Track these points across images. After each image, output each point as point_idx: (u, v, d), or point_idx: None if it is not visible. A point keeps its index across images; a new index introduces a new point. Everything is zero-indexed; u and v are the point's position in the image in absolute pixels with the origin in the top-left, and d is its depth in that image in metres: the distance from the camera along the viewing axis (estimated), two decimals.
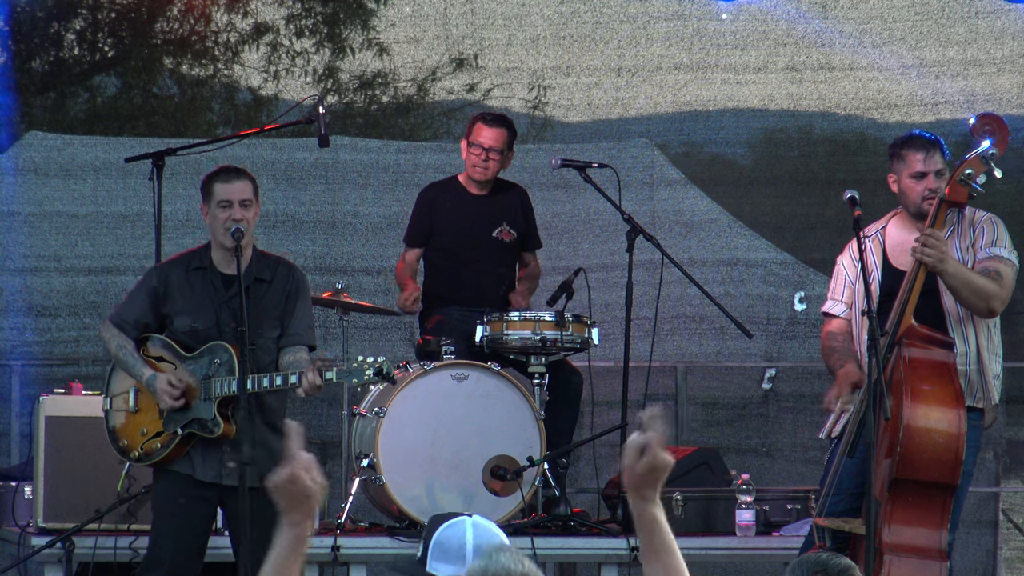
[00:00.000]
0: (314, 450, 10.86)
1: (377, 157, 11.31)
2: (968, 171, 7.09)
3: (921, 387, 6.83)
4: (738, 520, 8.49)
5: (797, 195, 11.49)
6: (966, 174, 7.09)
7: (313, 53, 12.86)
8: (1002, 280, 7.15)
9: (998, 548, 10.64)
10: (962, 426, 6.87)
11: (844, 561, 4.44)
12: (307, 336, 7.39)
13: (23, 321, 10.86)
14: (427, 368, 8.30)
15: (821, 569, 4.41)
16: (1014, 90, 11.39)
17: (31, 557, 8.18)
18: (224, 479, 7.25)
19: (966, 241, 7.26)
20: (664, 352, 10.65)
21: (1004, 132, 7.18)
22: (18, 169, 11.02)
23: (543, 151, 11.25)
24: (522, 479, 8.22)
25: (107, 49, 13.18)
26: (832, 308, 7.49)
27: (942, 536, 6.88)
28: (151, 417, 7.38)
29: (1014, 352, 11.55)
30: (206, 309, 7.32)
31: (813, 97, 11.62)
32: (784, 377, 10.94)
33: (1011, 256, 7.25)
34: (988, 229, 7.26)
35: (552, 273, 9.38)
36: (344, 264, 11.03)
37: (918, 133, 7.39)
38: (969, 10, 11.38)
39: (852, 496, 7.06)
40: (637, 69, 11.67)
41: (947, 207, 7.15)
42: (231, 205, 7.28)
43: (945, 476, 6.88)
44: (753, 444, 10.96)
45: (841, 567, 4.41)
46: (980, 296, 7.12)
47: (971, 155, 7.13)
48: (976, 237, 7.25)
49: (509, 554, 4.03)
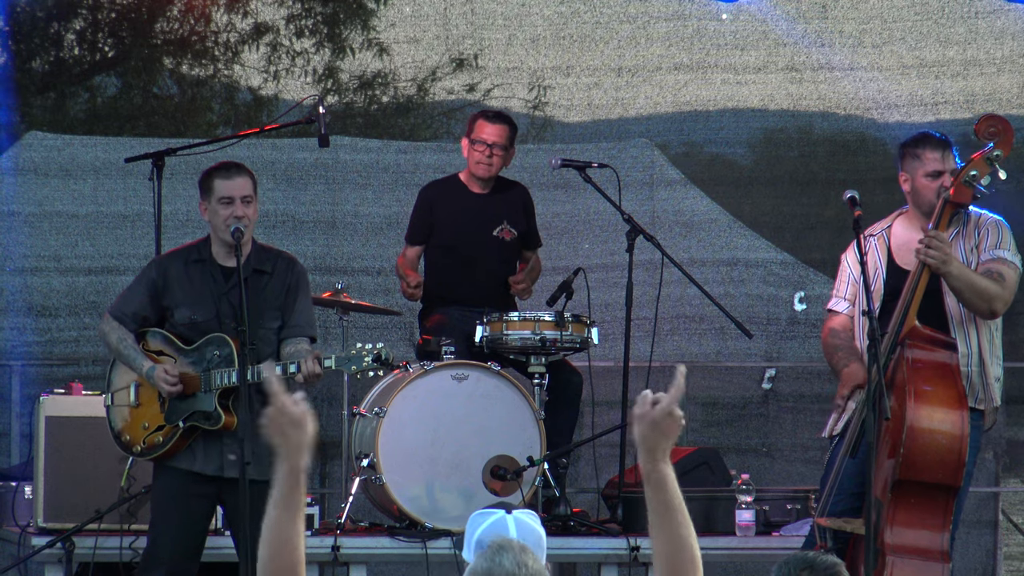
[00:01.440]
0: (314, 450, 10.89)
1: (377, 157, 11.31)
2: (973, 172, 7.09)
3: (924, 388, 6.82)
4: (738, 520, 8.49)
5: (797, 195, 11.49)
6: (971, 175, 7.09)
7: (313, 53, 12.86)
8: (1005, 282, 7.16)
9: (998, 548, 10.64)
10: (965, 428, 6.87)
11: (830, 559, 4.46)
12: (308, 328, 7.40)
13: (23, 321, 10.85)
14: (427, 368, 8.31)
15: (807, 566, 4.42)
16: (1014, 90, 11.39)
17: (31, 557, 8.18)
18: (225, 471, 7.25)
19: (971, 243, 7.26)
20: (664, 352, 10.64)
21: (1009, 134, 7.18)
22: (18, 169, 11.02)
23: (543, 151, 11.25)
24: (522, 479, 8.22)
25: (107, 49, 13.17)
26: (836, 305, 7.49)
27: (944, 537, 6.88)
28: (152, 411, 7.39)
29: (1014, 352, 11.55)
30: (206, 301, 7.34)
31: (813, 97, 11.62)
32: (784, 377, 10.94)
33: (1015, 259, 7.25)
34: (993, 231, 7.27)
35: (552, 273, 9.38)
36: (344, 264, 11.03)
37: (932, 133, 7.40)
38: (969, 10, 11.38)
39: (853, 496, 7.05)
40: (637, 69, 11.67)
41: (951, 208, 7.15)
42: (232, 201, 7.29)
43: (948, 478, 6.88)
44: (753, 444, 10.96)
45: (827, 564, 4.42)
46: (983, 297, 7.12)
47: (976, 156, 7.13)
48: (981, 239, 7.26)
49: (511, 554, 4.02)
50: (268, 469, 7.21)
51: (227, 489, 7.25)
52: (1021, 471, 11.49)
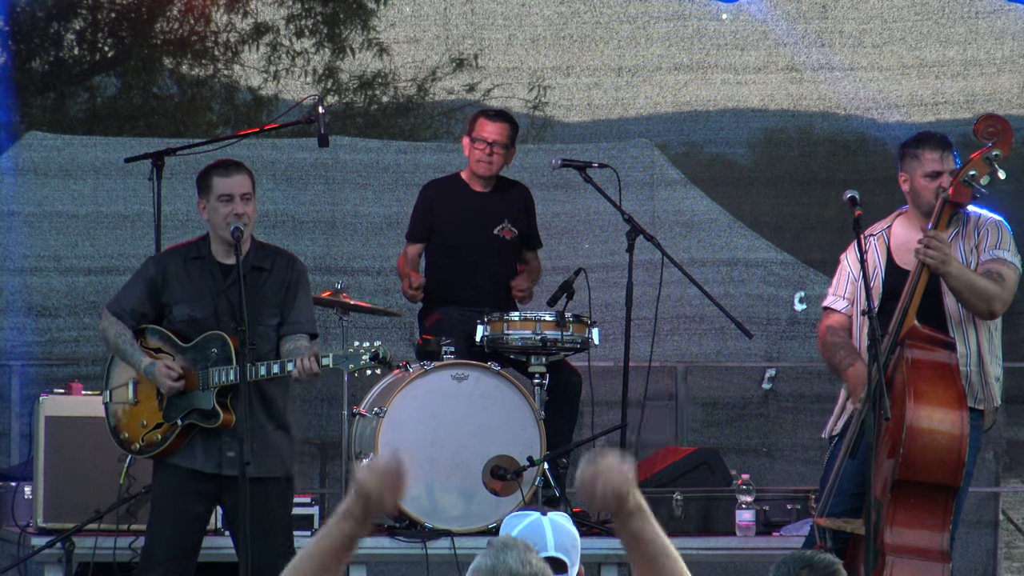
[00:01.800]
0: (314, 450, 10.90)
1: (377, 157, 11.31)
2: (972, 172, 7.09)
3: (924, 388, 6.82)
4: (738, 520, 8.49)
5: (797, 195, 11.49)
6: (970, 175, 7.09)
7: (313, 53, 12.86)
8: (1004, 282, 7.15)
9: (998, 548, 10.64)
10: (965, 428, 6.87)
11: (828, 557, 4.47)
12: (308, 324, 7.39)
13: (23, 321, 10.85)
14: (427, 368, 8.30)
15: (806, 565, 4.43)
16: (1014, 90, 11.39)
17: (31, 557, 8.18)
18: (224, 469, 7.24)
19: (970, 243, 7.26)
20: (664, 352, 10.64)
21: (1008, 133, 7.19)
22: (18, 169, 11.02)
23: (543, 151, 11.25)
24: (522, 479, 8.22)
25: (107, 49, 13.17)
26: (834, 303, 7.48)
27: (944, 538, 6.88)
28: (151, 408, 7.38)
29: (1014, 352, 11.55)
30: (204, 298, 7.33)
31: (813, 97, 11.61)
32: (784, 377, 10.94)
33: (1014, 259, 7.25)
34: (992, 232, 7.27)
35: (552, 273, 9.38)
36: (344, 264, 11.03)
37: (932, 133, 7.40)
38: (969, 10, 11.38)
39: (852, 496, 7.05)
40: (637, 69, 11.66)
41: (950, 208, 7.15)
42: (232, 199, 7.29)
43: (948, 478, 6.88)
44: (753, 444, 10.96)
45: (826, 563, 4.43)
46: (982, 298, 7.12)
47: (975, 156, 7.13)
48: (980, 239, 7.26)
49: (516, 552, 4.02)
50: (267, 466, 7.27)
51: (226, 487, 7.25)
52: (1021, 471, 11.49)
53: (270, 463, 7.28)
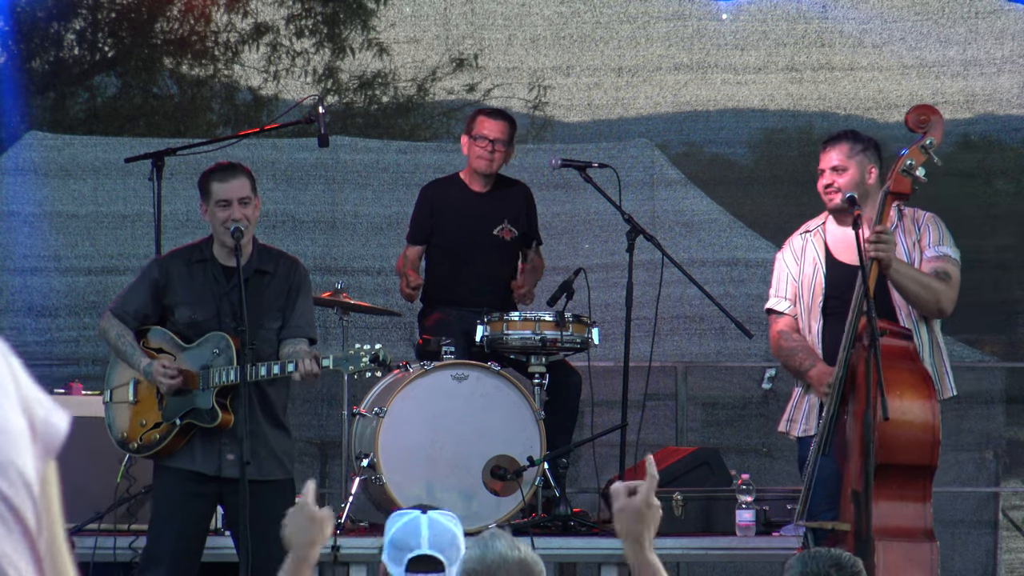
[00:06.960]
0: (314, 450, 10.89)
1: (377, 157, 11.31)
2: (909, 162, 7.14)
3: (889, 375, 6.84)
4: (738, 520, 8.49)
5: (797, 195, 11.48)
6: (908, 164, 7.14)
7: (313, 53, 12.86)
8: (951, 280, 7.26)
9: (998, 548, 10.64)
10: (935, 406, 6.95)
11: (853, 557, 4.48)
12: (308, 329, 7.41)
13: (23, 321, 10.85)
14: (427, 368, 8.30)
15: (835, 564, 4.43)
16: (1014, 90, 11.39)
17: None
18: (224, 471, 7.25)
19: (911, 238, 7.34)
20: (664, 352, 10.64)
21: (939, 121, 7.27)
22: (18, 169, 11.02)
23: (543, 151, 11.25)
24: (522, 479, 8.22)
25: (107, 49, 13.17)
26: (777, 305, 7.55)
27: (927, 514, 6.92)
28: (150, 408, 7.40)
29: (1014, 352, 11.55)
30: (206, 300, 7.35)
31: (813, 97, 11.61)
32: (784, 377, 10.93)
33: (956, 255, 7.33)
34: (933, 228, 7.35)
35: (552, 273, 9.38)
36: (344, 264, 11.03)
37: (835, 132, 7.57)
38: (969, 10, 11.38)
39: (830, 497, 7.06)
40: (637, 69, 11.67)
41: (892, 200, 7.19)
42: (230, 204, 7.29)
43: (924, 458, 6.95)
44: (753, 444, 10.96)
45: (852, 562, 4.45)
46: (930, 292, 7.18)
47: (911, 146, 7.17)
48: (922, 235, 7.34)
49: (504, 540, 4.03)
50: (267, 469, 7.27)
51: (227, 489, 7.26)
52: (1021, 471, 11.49)
53: (270, 466, 7.30)
